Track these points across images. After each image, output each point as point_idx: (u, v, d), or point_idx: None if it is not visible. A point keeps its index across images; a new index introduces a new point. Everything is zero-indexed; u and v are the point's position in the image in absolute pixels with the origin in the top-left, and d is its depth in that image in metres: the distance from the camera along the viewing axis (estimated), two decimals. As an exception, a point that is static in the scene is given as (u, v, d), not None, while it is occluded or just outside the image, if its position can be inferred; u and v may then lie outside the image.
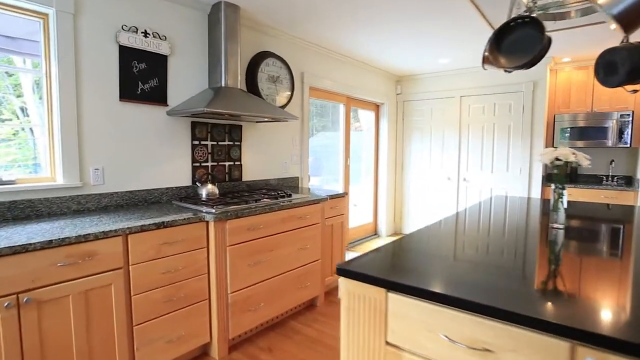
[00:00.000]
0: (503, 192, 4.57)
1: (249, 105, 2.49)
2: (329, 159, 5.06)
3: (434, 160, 5.09)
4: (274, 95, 3.21)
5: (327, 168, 5.14)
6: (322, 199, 2.81)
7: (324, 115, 5.16)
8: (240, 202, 2.35)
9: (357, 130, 5.29)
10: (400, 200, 5.44)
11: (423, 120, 5.17)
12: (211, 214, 2.07)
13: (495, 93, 4.55)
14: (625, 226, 1.94)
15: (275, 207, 2.41)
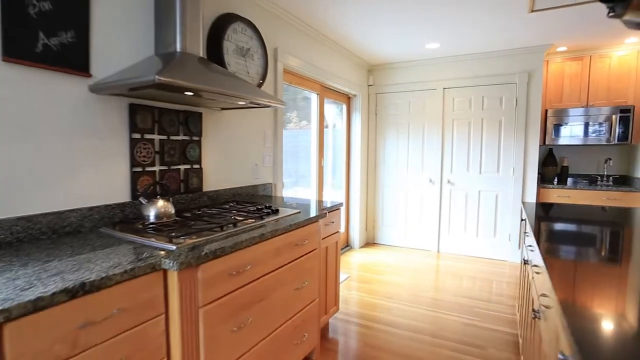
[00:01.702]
0: (493, 195, 4.16)
1: (223, 81, 1.61)
2: (297, 159, 4.27)
3: (413, 160, 4.55)
4: (242, 73, 2.33)
5: (294, 170, 4.34)
6: (320, 215, 2.01)
7: (291, 107, 4.35)
8: (212, 228, 1.46)
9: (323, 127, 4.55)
10: (374, 206, 4.83)
11: (399, 115, 4.60)
12: (172, 259, 1.17)
13: (484, 85, 4.12)
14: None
15: (267, 234, 1.56)
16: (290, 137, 4.69)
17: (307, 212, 2.03)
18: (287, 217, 1.85)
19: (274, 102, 1.88)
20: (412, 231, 4.60)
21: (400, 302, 2.94)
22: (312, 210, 2.12)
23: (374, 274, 3.61)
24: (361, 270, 3.74)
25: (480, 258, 4.20)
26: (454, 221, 4.36)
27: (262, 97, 1.78)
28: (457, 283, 3.39)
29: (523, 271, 2.31)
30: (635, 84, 3.78)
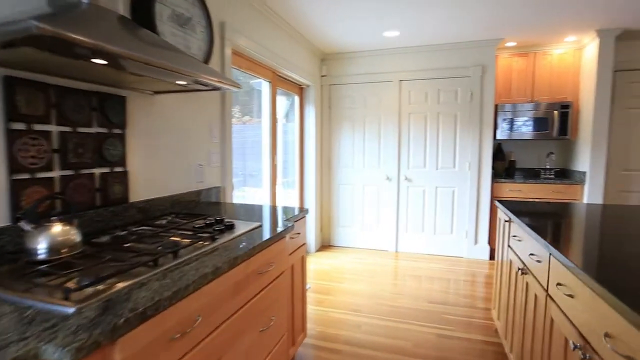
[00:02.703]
0: (450, 191, 4.07)
1: (153, 49, 1.13)
2: (244, 157, 3.79)
3: (369, 156, 4.31)
4: (181, 47, 1.83)
5: (241, 169, 3.86)
6: (287, 228, 1.61)
7: (233, 101, 3.87)
8: (140, 263, 0.99)
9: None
10: (329, 206, 4.51)
11: (355, 109, 4.32)
12: (61, 345, 0.67)
13: (440, 77, 3.99)
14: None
15: (224, 266, 1.11)
16: (234, 132, 4.21)
17: (270, 222, 1.62)
18: (247, 234, 1.42)
19: (225, 83, 1.43)
20: (370, 231, 4.37)
21: (367, 315, 2.65)
22: (276, 220, 1.71)
23: (334, 282, 3.28)
24: (320, 278, 3.40)
25: (438, 256, 4.09)
26: (411, 219, 4.20)
27: (211, 75, 1.33)
28: (421, 286, 3.20)
29: (504, 273, 2.13)
30: (572, 81, 3.90)
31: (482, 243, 3.99)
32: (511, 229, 1.98)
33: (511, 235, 1.96)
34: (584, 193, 3.70)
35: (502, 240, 2.21)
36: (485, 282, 3.31)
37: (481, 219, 3.97)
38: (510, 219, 2.00)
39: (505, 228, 2.12)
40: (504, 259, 2.16)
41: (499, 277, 2.29)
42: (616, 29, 3.46)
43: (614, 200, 3.79)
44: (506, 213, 2.05)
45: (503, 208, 2.12)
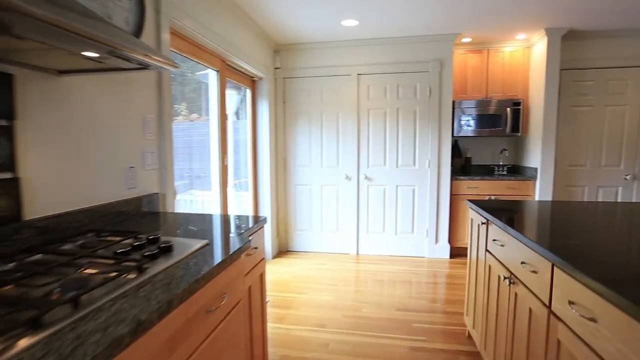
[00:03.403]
0: (410, 190, 3.95)
1: (51, 5, 0.77)
2: (190, 157, 3.40)
3: (327, 154, 4.07)
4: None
5: (187, 170, 3.47)
6: (244, 246, 1.29)
7: (179, 97, 3.47)
8: (19, 322, 0.64)
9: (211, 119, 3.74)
10: (285, 209, 4.21)
11: (311, 104, 4.05)
12: None
13: (398, 72, 3.85)
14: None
15: (152, 316, 0.78)
16: (180, 130, 3.82)
17: (221, 239, 1.29)
18: (190, 257, 1.09)
19: (157, 59, 1.09)
20: (330, 234, 4.13)
21: (334, 330, 2.40)
22: (229, 234, 1.38)
23: (295, 294, 3.00)
24: (280, 289, 3.09)
25: (400, 257, 3.97)
26: (372, 220, 4.03)
27: (133, 45, 0.98)
28: (387, 292, 3.02)
29: (479, 279, 1.99)
30: (522, 79, 3.97)
31: (443, 242, 3.92)
32: (489, 232, 1.83)
33: (490, 239, 1.80)
34: (536, 189, 3.76)
35: (477, 244, 2.06)
36: (449, 283, 3.21)
37: (441, 218, 3.90)
38: (488, 221, 1.85)
39: (481, 231, 1.97)
40: (479, 263, 2.02)
41: (472, 282, 2.15)
42: (562, 28, 3.54)
43: (561, 195, 3.91)
44: (482, 214, 1.90)
45: (478, 209, 1.97)
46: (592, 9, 3.10)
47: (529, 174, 3.89)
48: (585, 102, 3.84)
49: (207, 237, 1.32)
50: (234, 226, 1.55)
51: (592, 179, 3.88)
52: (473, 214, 2.14)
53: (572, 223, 1.57)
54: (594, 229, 1.45)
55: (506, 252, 1.58)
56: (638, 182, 3.82)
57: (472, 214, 2.16)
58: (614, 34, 3.68)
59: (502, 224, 1.58)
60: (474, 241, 2.14)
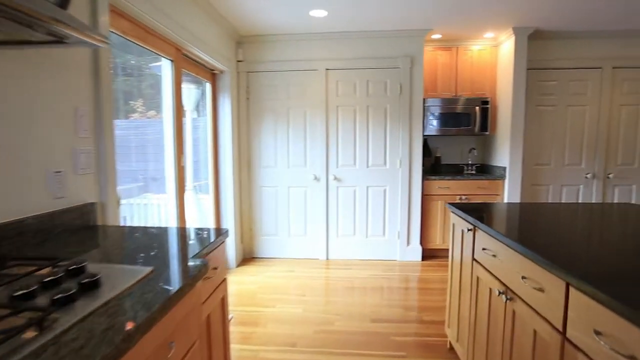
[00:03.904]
0: (381, 190, 3.81)
1: None
2: (145, 157, 3.06)
3: (294, 154, 3.82)
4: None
5: (142, 171, 3.13)
6: (199, 272, 1.03)
7: (136, 93, 3.12)
8: None
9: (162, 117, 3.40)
10: (250, 212, 3.92)
11: (277, 100, 3.79)
12: None
13: (368, 68, 3.68)
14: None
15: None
16: (135, 128, 3.45)
17: (170, 264, 1.02)
18: (125, 295, 0.82)
19: (81, 34, 0.80)
20: (298, 238, 3.89)
21: (305, 349, 2.17)
22: (185, 255, 1.11)
23: (261, 307, 2.73)
24: (244, 303, 2.82)
25: (372, 261, 3.82)
26: (342, 223, 3.85)
27: (35, 5, 0.69)
28: (361, 301, 2.84)
29: (464, 289, 1.84)
30: (490, 77, 3.95)
31: (415, 244, 3.81)
32: (477, 239, 1.68)
33: (478, 247, 1.66)
34: (505, 188, 3.75)
35: (461, 251, 1.91)
36: (423, 288, 3.09)
37: (413, 219, 3.79)
38: (475, 228, 1.70)
39: (466, 238, 1.82)
40: (464, 272, 1.87)
41: (455, 292, 2.01)
42: (529, 27, 3.54)
43: (527, 194, 3.93)
44: (468, 220, 1.75)
45: (463, 214, 1.82)
46: (557, 10, 3.10)
47: (497, 174, 3.88)
48: (549, 102, 3.88)
49: (152, 262, 1.04)
50: (190, 242, 1.27)
51: (556, 178, 3.94)
52: (456, 218, 1.99)
53: (577, 230, 1.44)
54: (605, 240, 1.33)
55: (500, 264, 1.43)
56: (597, 180, 3.92)
57: (455, 218, 2.01)
58: (576, 36, 3.74)
59: (496, 232, 1.43)
60: (456, 248, 1.99)
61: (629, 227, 1.50)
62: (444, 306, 2.72)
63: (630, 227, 1.49)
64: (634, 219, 1.64)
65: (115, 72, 2.90)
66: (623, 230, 1.44)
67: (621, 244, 1.24)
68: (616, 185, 3.93)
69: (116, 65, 2.82)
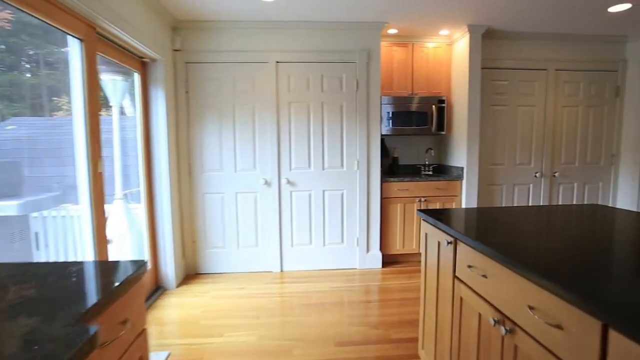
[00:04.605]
0: (338, 194, 3.54)
1: None
2: (61, 160, 2.53)
3: (242, 156, 3.43)
4: None
5: (58, 178, 2.60)
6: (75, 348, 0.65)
7: (61, 88, 2.61)
8: None
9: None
10: (193, 223, 3.46)
11: (222, 96, 3.37)
12: None
13: (323, 61, 3.40)
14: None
15: None
16: (51, 128, 2.92)
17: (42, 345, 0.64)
18: None
19: None
20: (248, 250, 3.50)
21: (262, 387, 1.83)
22: (68, 319, 0.72)
23: (206, 337, 2.33)
24: (186, 333, 2.39)
25: (330, 271, 3.54)
26: (297, 230, 3.53)
27: None
28: (320, 319, 2.54)
29: (444, 311, 1.62)
30: (445, 76, 3.88)
31: (374, 250, 3.60)
32: (459, 253, 1.45)
33: (462, 264, 1.43)
34: (463, 189, 3.68)
35: (437, 266, 1.68)
36: (386, 300, 2.87)
37: (372, 224, 3.58)
38: (456, 240, 1.47)
39: (444, 252, 1.59)
40: (442, 291, 1.65)
41: (430, 311, 1.78)
42: (482, 26, 3.49)
43: (483, 194, 3.90)
44: (447, 232, 1.52)
45: (441, 225, 1.58)
46: (506, 9, 3.06)
47: (455, 174, 3.80)
48: (501, 102, 3.89)
49: (13, 339, 0.64)
50: (85, 286, 0.88)
51: (508, 178, 3.95)
52: (429, 228, 1.76)
53: (590, 246, 1.25)
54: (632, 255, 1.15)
55: (494, 286, 1.20)
56: (545, 179, 4.00)
57: (428, 228, 1.78)
58: (524, 37, 3.77)
59: (488, 248, 1.20)
60: (431, 260, 1.77)
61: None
62: (411, 320, 2.51)
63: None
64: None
65: (16, 60, 2.34)
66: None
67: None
68: (561, 183, 4.04)
69: (15, 51, 2.26)
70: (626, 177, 3.98)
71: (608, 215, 1.69)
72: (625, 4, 2.99)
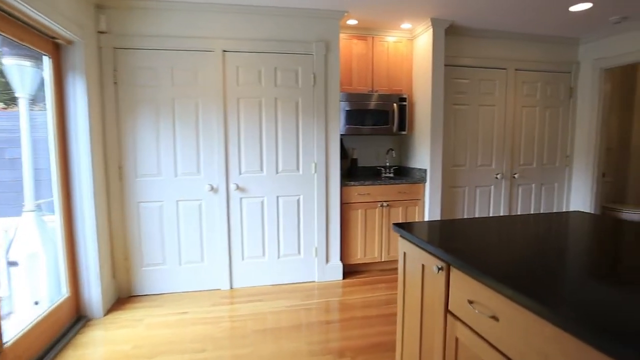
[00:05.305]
0: (294, 200, 3.20)
1: None
2: None
3: (184, 158, 2.97)
4: None
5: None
6: None
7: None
8: None
9: None
10: (124, 237, 2.93)
11: (159, 88, 2.89)
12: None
13: (276, 52, 3.04)
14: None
15: None
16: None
17: None
18: None
19: None
20: (192, 267, 3.05)
21: None
22: None
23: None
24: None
25: (286, 286, 3.19)
26: (249, 242, 3.14)
27: None
28: (277, 348, 2.19)
29: (432, 348, 1.34)
30: (406, 73, 3.69)
31: (334, 260, 3.31)
32: (454, 283, 1.18)
33: (460, 297, 1.15)
34: (426, 192, 3.51)
35: (421, 295, 1.40)
36: (350, 319, 2.58)
37: (332, 232, 3.28)
38: (449, 266, 1.19)
39: (429, 277, 1.31)
40: (426, 323, 1.37)
41: (410, 344, 1.50)
42: (446, 20, 3.33)
43: (446, 197, 3.75)
44: (435, 253, 1.24)
45: (426, 245, 1.30)
46: (470, 4, 2.90)
47: (418, 176, 3.61)
48: (463, 101, 3.76)
49: None
50: None
51: (470, 179, 3.85)
52: (409, 247, 1.48)
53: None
54: None
55: (510, 333, 0.93)
56: (505, 180, 3.95)
57: (407, 246, 1.50)
58: (485, 35, 3.67)
59: (501, 284, 0.92)
60: (411, 289, 1.48)
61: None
62: (380, 343, 2.24)
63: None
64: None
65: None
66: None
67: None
68: (520, 184, 4.01)
69: None
70: (579, 177, 4.04)
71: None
72: (586, 4, 2.95)
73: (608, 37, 3.69)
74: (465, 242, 1.29)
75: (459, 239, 1.34)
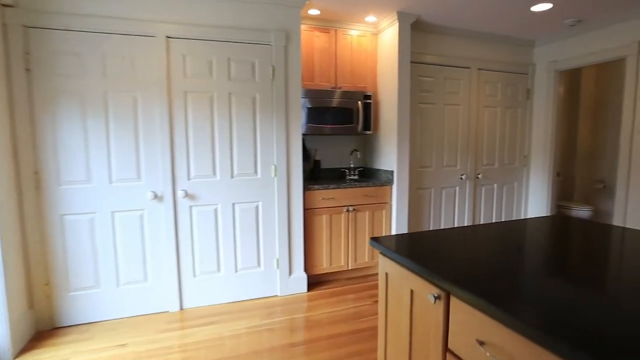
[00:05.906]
0: (252, 207, 2.87)
1: None
2: None
3: (120, 161, 2.53)
4: None
5: None
6: None
7: None
8: None
9: None
10: (43, 257, 2.43)
11: (85, 78, 2.42)
12: None
13: (230, 40, 2.68)
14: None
15: None
16: None
17: None
18: None
19: None
20: (133, 287, 2.61)
21: None
22: None
23: None
24: None
25: (246, 302, 2.85)
26: (201, 256, 2.75)
27: None
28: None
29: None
30: (371, 69, 3.50)
31: (298, 272, 3.02)
32: (455, 315, 0.94)
33: (464, 333, 0.91)
34: (393, 194, 3.33)
35: (410, 326, 1.16)
36: (317, 339, 2.31)
37: (295, 240, 2.99)
38: (449, 294, 0.95)
39: (422, 306, 1.07)
40: (417, 356, 1.12)
41: (394, 382, 1.25)
42: (412, 14, 3.17)
43: (413, 199, 3.61)
44: (431, 279, 1.00)
45: (420, 267, 1.05)
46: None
47: (384, 178, 3.43)
48: (428, 100, 3.64)
49: None
50: None
51: (436, 180, 3.74)
52: (392, 267, 1.23)
53: None
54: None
55: None
56: (469, 181, 3.89)
57: (389, 266, 1.25)
58: (451, 32, 3.57)
59: (533, 327, 0.69)
60: (396, 315, 1.23)
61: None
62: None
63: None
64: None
65: None
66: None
67: None
68: (483, 185, 3.98)
69: None
70: (537, 177, 4.09)
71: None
72: (547, 4, 2.92)
73: (562, 40, 3.75)
74: (466, 262, 1.06)
75: (457, 257, 1.11)
